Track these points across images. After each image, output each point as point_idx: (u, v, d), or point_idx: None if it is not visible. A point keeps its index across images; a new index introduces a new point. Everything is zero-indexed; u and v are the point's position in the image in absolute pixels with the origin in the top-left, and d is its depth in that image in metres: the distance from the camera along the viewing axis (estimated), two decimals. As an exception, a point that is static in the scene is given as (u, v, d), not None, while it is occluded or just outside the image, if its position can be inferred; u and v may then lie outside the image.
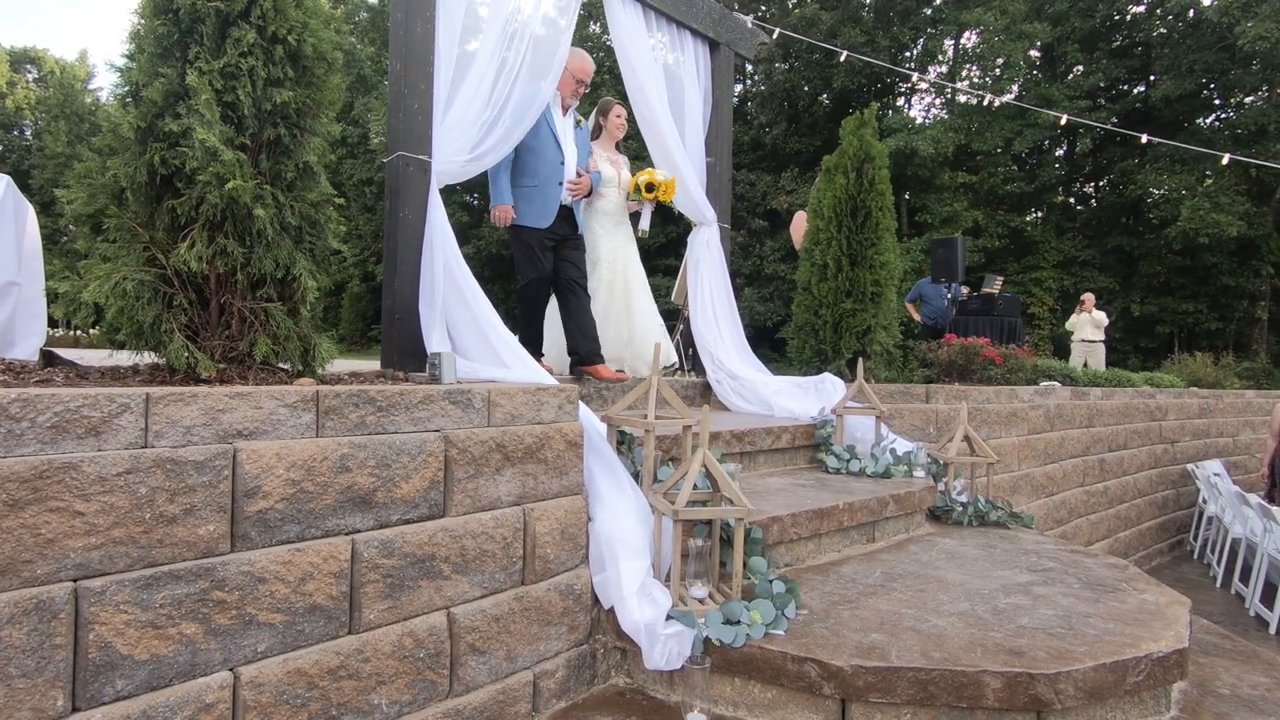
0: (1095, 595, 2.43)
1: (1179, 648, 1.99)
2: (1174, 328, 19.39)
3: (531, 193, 3.78)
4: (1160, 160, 19.34)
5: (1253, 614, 5.30)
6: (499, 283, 26.75)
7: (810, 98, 24.57)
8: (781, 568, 2.54)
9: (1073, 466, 5.38)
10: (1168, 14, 19.95)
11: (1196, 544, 7.27)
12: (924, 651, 1.87)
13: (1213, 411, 8.28)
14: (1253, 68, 18.30)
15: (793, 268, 20.19)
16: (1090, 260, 20.85)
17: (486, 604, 1.84)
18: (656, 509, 2.19)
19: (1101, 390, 6.13)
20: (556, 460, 2.06)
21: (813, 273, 4.87)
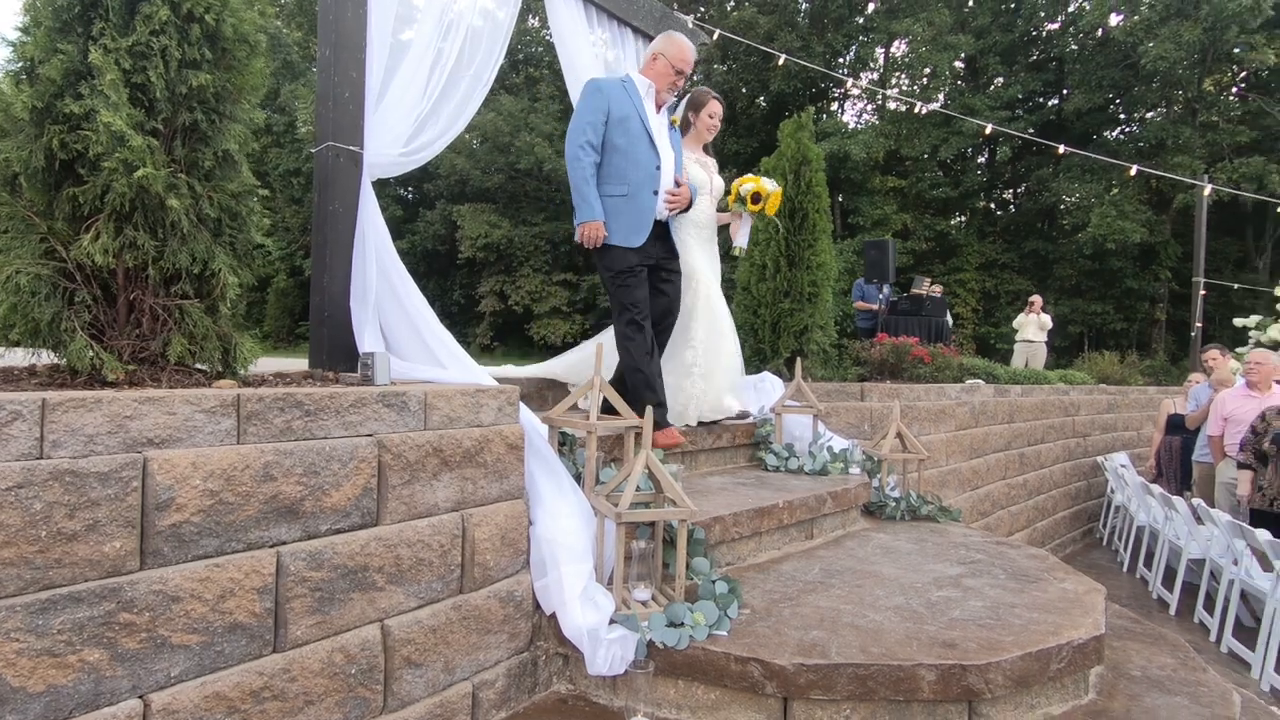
0: (1020, 586, 2.53)
1: (1097, 634, 2.10)
2: (1084, 327, 20.60)
3: (619, 204, 3.09)
4: (1072, 170, 20.48)
5: (1155, 596, 5.68)
6: (434, 279, 26.17)
7: (748, 99, 24.97)
8: (723, 567, 2.55)
9: (995, 461, 5.64)
10: (1079, 32, 21.13)
11: (1105, 531, 7.74)
12: (863, 647, 1.91)
13: (1119, 407, 8.84)
14: (1153, 85, 19.59)
15: (731, 268, 20.52)
16: (1009, 263, 21.93)
17: (423, 615, 1.77)
18: (599, 511, 2.16)
19: (1021, 388, 6.44)
20: (496, 464, 2.00)
21: (752, 273, 4.94)
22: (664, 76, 3.28)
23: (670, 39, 3.32)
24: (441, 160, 23.50)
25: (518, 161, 22.80)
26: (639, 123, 3.15)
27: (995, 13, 22.16)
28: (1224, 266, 19.24)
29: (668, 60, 3.28)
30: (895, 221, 20.87)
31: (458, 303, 26.09)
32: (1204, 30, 16.77)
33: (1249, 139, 18.35)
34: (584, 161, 3.06)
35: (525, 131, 22.36)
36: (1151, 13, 17.90)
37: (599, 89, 3.16)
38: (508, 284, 24.06)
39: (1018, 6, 22.27)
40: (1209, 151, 18.47)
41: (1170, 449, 6.80)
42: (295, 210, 25.57)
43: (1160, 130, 19.60)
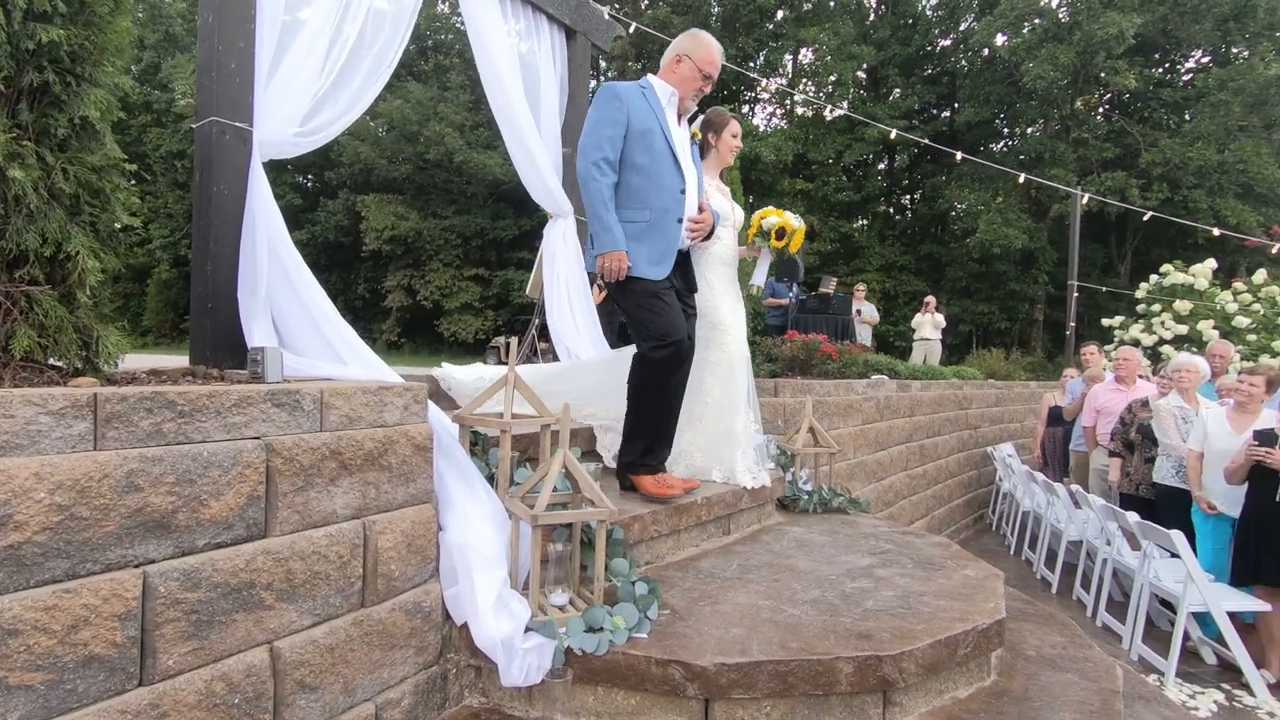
0: (926, 574, 2.62)
1: (998, 619, 2.19)
2: (973, 326, 22.02)
3: (642, 231, 2.69)
4: (963, 179, 21.82)
5: (1039, 577, 6.10)
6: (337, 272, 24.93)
7: (662, 99, 25.07)
8: (642, 566, 2.50)
9: (898, 453, 5.89)
10: (968, 49, 22.53)
11: (994, 517, 8.27)
12: (782, 643, 1.90)
13: (1006, 400, 9.47)
14: (1033, 103, 21.14)
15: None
16: (907, 265, 23.13)
17: (319, 633, 1.62)
18: (514, 514, 2.06)
19: (921, 383, 6.77)
20: (402, 466, 1.87)
21: (668, 269, 4.93)
22: (689, 82, 2.84)
23: (696, 38, 2.87)
24: (344, 148, 22.40)
25: (426, 151, 22.03)
26: (662, 138, 2.74)
27: (895, 27, 23.31)
28: (1092, 271, 21.01)
29: (694, 63, 2.82)
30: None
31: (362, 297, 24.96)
32: (1077, 54, 18.24)
33: (1113, 155, 20.12)
34: (600, 182, 2.63)
35: (435, 121, 21.62)
36: (1032, 35, 19.30)
37: (617, 96, 2.70)
38: (416, 278, 23.23)
39: (915, 22, 23.52)
40: (1080, 166, 20.12)
41: (1053, 439, 7.34)
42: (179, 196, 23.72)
43: (1039, 145, 21.20)
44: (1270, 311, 10.52)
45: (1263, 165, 17.73)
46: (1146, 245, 21.26)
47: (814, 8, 22.89)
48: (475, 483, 2.13)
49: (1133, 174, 19.28)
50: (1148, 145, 19.51)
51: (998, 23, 19.93)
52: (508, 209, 23.48)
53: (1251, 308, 10.52)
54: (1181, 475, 4.64)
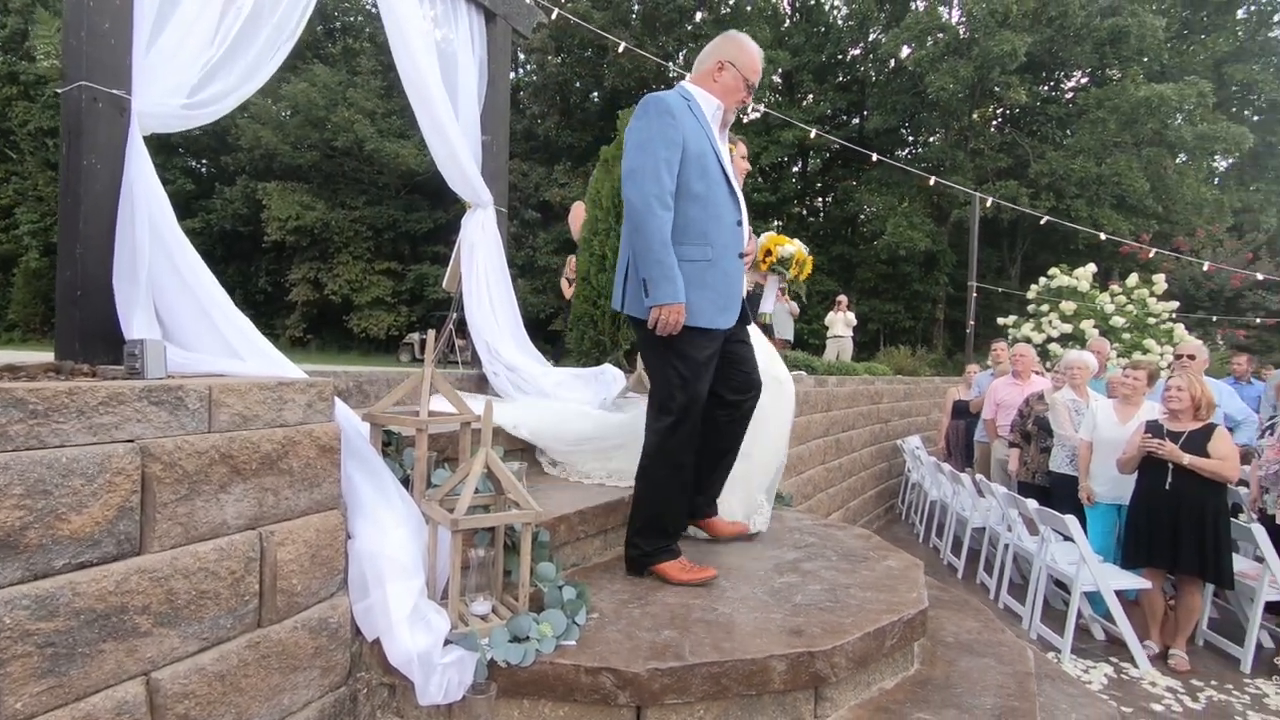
0: (851, 566, 2.65)
1: (921, 608, 2.22)
2: (880, 325, 23.02)
3: (703, 272, 2.31)
4: (871, 183, 22.75)
5: (946, 563, 6.39)
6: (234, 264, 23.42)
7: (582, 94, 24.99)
8: (569, 569, 2.40)
9: (816, 446, 6.02)
10: (877, 60, 23.50)
11: (903, 507, 8.63)
12: (715, 644, 1.85)
13: (913, 395, 9.91)
14: (935, 113, 22.29)
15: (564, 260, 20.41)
16: (820, 265, 23.85)
17: (207, 659, 1.44)
18: (431, 518, 1.92)
19: (836, 379, 6.96)
20: (305, 470, 1.70)
21: (591, 263, 4.83)
22: (733, 93, 2.48)
23: (740, 43, 2.51)
24: (243, 130, 21.05)
25: (334, 138, 20.99)
26: (715, 160, 2.37)
27: (808, 34, 24.03)
28: (988, 273, 22.37)
29: (738, 71, 2.47)
30: (721, 222, 21.91)
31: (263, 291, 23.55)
32: (975, 68, 19.34)
33: (1006, 165, 21.50)
34: (661, 218, 2.21)
35: (343, 106, 20.63)
36: (935, 49, 20.33)
37: (670, 111, 2.29)
38: (323, 272, 22.11)
39: (827, 31, 24.32)
40: (977, 174, 21.38)
41: (957, 431, 7.72)
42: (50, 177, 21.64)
43: (940, 153, 22.38)
44: (1141, 312, 11.49)
45: (1134, 179, 19.38)
46: (1034, 250, 22.84)
47: (732, 11, 23.29)
48: (388, 486, 1.98)
49: (1023, 183, 20.65)
50: (1036, 157, 20.95)
51: (904, 35, 20.88)
52: (422, 201, 22.71)
53: (1126, 309, 11.45)
54: (1075, 464, 4.94)
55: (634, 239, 2.27)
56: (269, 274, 23.51)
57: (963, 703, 2.01)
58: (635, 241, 2.26)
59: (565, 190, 20.97)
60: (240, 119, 21.05)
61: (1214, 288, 18.41)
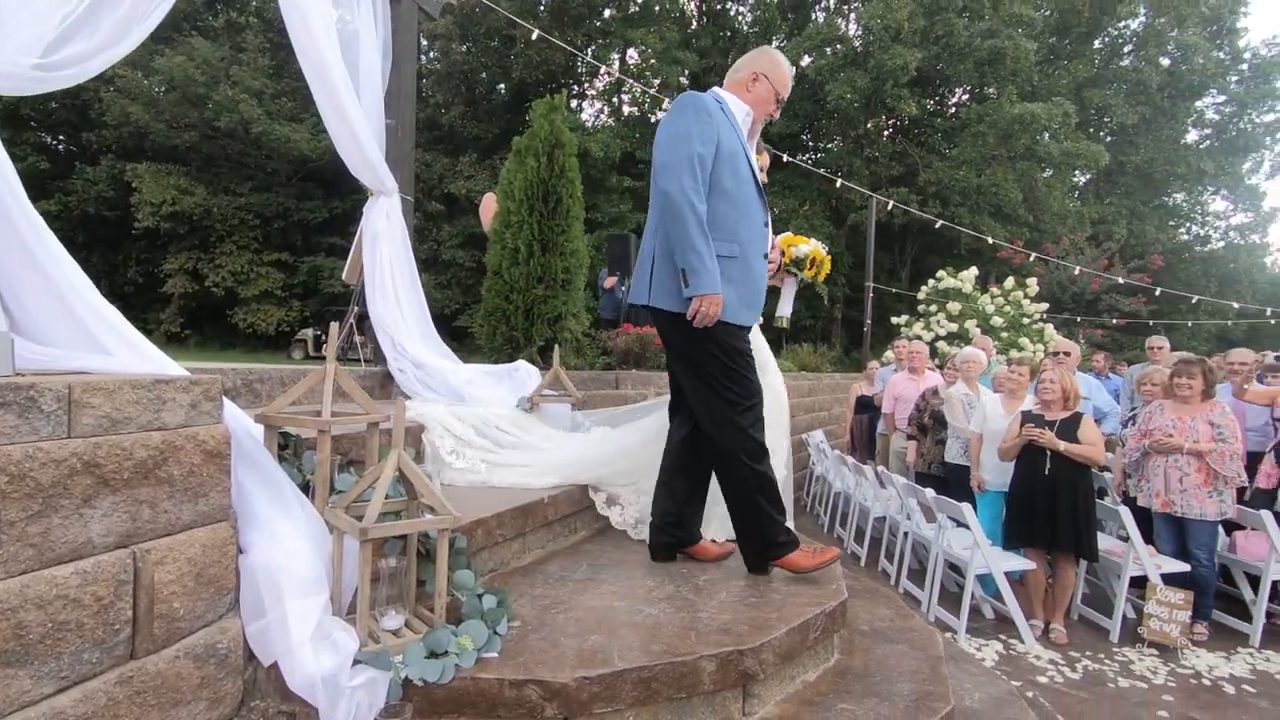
0: (771, 560, 2.67)
1: (841, 600, 2.26)
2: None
3: (730, 268, 2.35)
4: (775, 187, 23.45)
5: (849, 552, 6.65)
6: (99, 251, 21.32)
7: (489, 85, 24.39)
8: (487, 575, 2.29)
9: (728, 442, 6.11)
10: (780, 66, 24.20)
11: (809, 499, 8.93)
12: (644, 646, 1.80)
13: (816, 391, 10.28)
14: (834, 120, 23.27)
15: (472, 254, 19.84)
16: (726, 265, 24.48)
17: (67, 702, 1.24)
18: (336, 528, 1.76)
19: (746, 375, 7.09)
20: (189, 479, 1.51)
21: (504, 256, 4.67)
22: (764, 104, 2.61)
23: (775, 59, 2.63)
24: (109, 105, 19.17)
25: (216, 118, 19.47)
26: (746, 162, 2.45)
27: (715, 37, 24.49)
28: (881, 275, 23.59)
29: (771, 85, 2.59)
30: (630, 220, 22.00)
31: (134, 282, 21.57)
32: (870, 80, 20.33)
33: (898, 173, 22.74)
34: (699, 210, 2.25)
35: (226, 84, 19.16)
36: (834, 59, 21.22)
37: (707, 110, 2.38)
38: (204, 262, 20.48)
39: (733, 36, 24.87)
40: (871, 180, 22.49)
41: (861, 425, 8.05)
42: None
43: (838, 159, 23.40)
44: (1017, 313, 12.44)
45: (1009, 190, 20.98)
46: (922, 254, 24.29)
47: (641, 10, 23.38)
48: (286, 494, 1.80)
49: (913, 190, 21.91)
50: (924, 166, 22.28)
51: (805, 44, 21.67)
52: (317, 189, 21.46)
53: (1004, 309, 12.36)
54: (968, 454, 5.25)
55: (671, 230, 2.29)
56: (140, 264, 21.53)
57: (881, 690, 2.05)
58: (673, 232, 2.28)
59: (471, 183, 20.40)
60: (105, 92, 19.14)
61: (1077, 291, 20.21)
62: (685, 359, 2.43)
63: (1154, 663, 3.98)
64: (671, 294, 2.34)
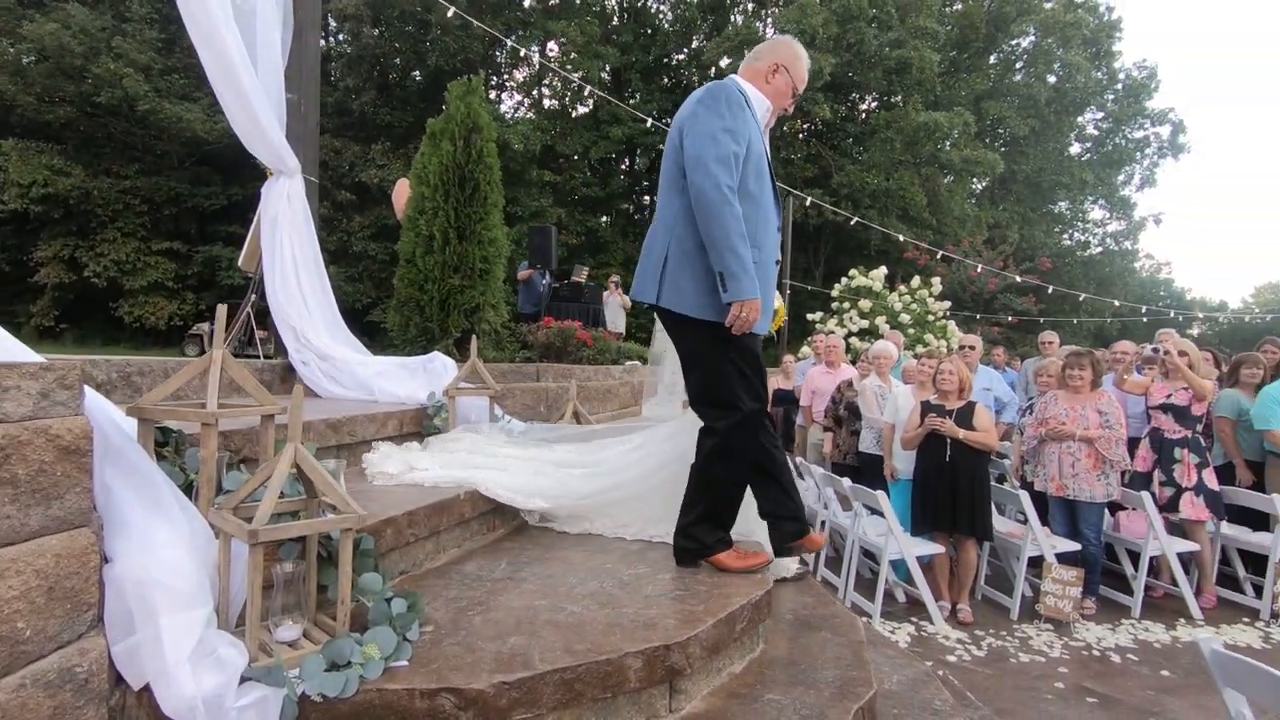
0: (695, 551, 2.63)
1: (767, 589, 2.25)
2: (703, 320, 24.12)
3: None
4: (695, 184, 23.69)
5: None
6: (-45, 236, 19.14)
7: (403, 71, 23.50)
8: (398, 577, 2.14)
9: (651, 436, 6.08)
10: (701, 66, 24.55)
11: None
12: (567, 646, 1.71)
13: (736, 385, 10.43)
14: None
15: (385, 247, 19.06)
16: (647, 261, 24.56)
17: (-127, 746, 1.04)
18: (223, 531, 1.58)
19: (668, 369, 7.10)
20: (38, 479, 1.31)
21: (417, 244, 4.46)
22: (782, 97, 2.49)
23: (796, 50, 2.50)
24: (-35, 74, 17.24)
25: (95, 94, 17.86)
26: (765, 161, 2.34)
27: (636, 33, 24.50)
28: (796, 273, 24.30)
29: (790, 78, 2.47)
30: (551, 215, 21.73)
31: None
32: (786, 82, 20.82)
33: (813, 175, 23.45)
34: (736, 209, 2.14)
35: (108, 57, 17.59)
36: (752, 60, 21.59)
37: (743, 104, 2.26)
38: (83, 250, 18.76)
39: (654, 33, 24.97)
40: (787, 181, 23.09)
41: (778, 418, 8.20)
42: None
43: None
44: (923, 310, 13.06)
45: (915, 194, 22.03)
46: (835, 253, 25.17)
47: (562, 1, 23.11)
48: (164, 495, 1.60)
49: (826, 192, 22.65)
50: (837, 169, 23.08)
51: (724, 45, 21.99)
52: (213, 174, 20.06)
53: (911, 307, 12.95)
54: (881, 444, 5.42)
55: (708, 229, 2.15)
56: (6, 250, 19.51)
57: (807, 679, 2.04)
58: (710, 231, 2.14)
59: (384, 172, 19.58)
60: (-38, 59, 17.22)
61: (976, 290, 21.44)
62: (695, 357, 2.34)
63: (1050, 637, 4.22)
64: (686, 295, 2.24)
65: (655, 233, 2.37)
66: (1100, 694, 3.49)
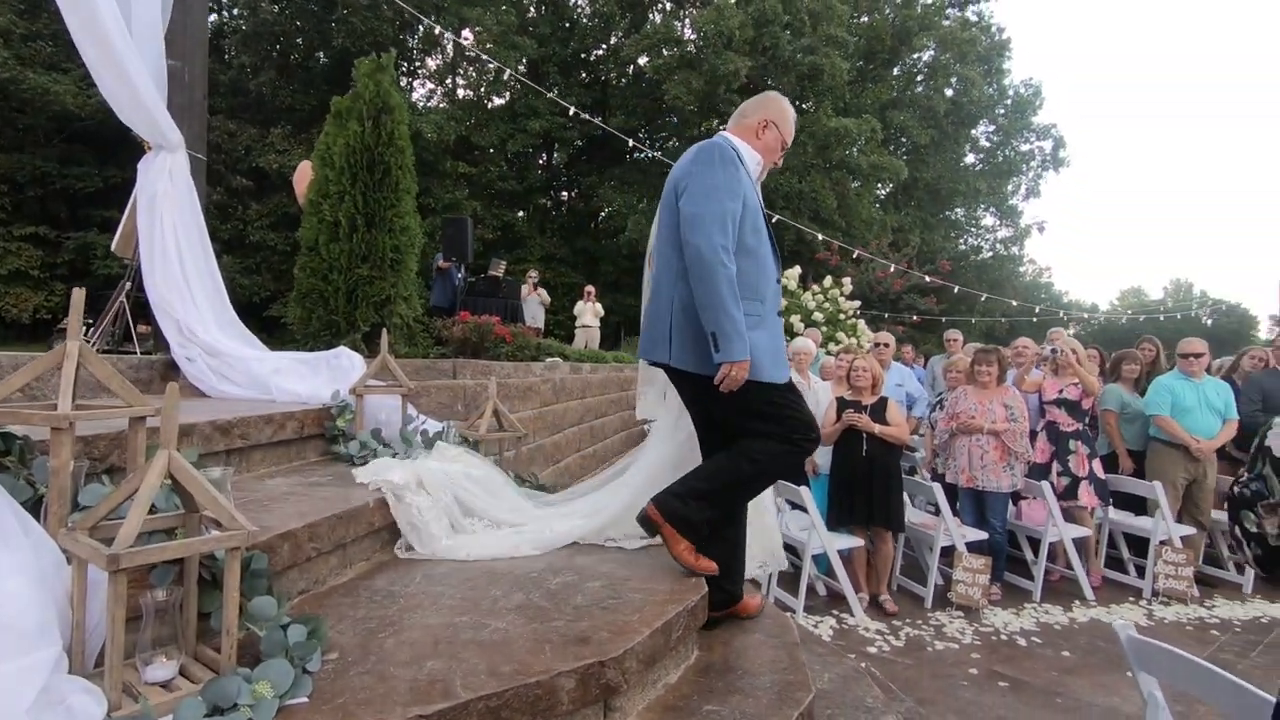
0: (625, 556, 2.51)
1: (702, 593, 2.15)
2: (621, 317, 24.10)
3: (759, 328, 2.27)
4: (613, 181, 23.66)
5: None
6: None
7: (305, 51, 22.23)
8: (297, 598, 1.91)
9: (573, 434, 5.93)
10: (620, 63, 24.48)
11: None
12: (492, 669, 1.55)
13: (657, 382, 10.42)
14: (672, 120, 23.90)
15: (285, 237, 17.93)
16: (565, 258, 24.28)
17: None
18: (75, 555, 1.33)
19: (590, 366, 6.96)
20: None
21: (321, 230, 4.13)
22: (772, 153, 2.54)
23: (782, 106, 2.56)
24: None
25: (-57, 58, 15.91)
26: (761, 215, 2.35)
27: (554, 26, 24.16)
28: (714, 272, 24.66)
29: (779, 133, 2.53)
30: (466, 207, 21.13)
31: None
32: (705, 82, 21.07)
33: (729, 175, 23.81)
34: (729, 269, 2.16)
35: (-42, 17, 15.70)
36: (670, 59, 21.75)
37: (737, 162, 2.30)
38: (-73, 234, 16.69)
39: (572, 27, 24.69)
40: (705, 181, 23.38)
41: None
42: None
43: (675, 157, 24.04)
44: (834, 309, 13.48)
45: (826, 197, 22.76)
46: (751, 253, 25.65)
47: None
48: (2, 513, 1.33)
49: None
50: (753, 170, 23.53)
51: (643, 42, 22.00)
52: (87, 153, 18.29)
53: (824, 306, 13.34)
54: (800, 439, 5.48)
55: (700, 289, 2.17)
56: None
57: (745, 686, 1.97)
58: (701, 292, 2.16)
59: (285, 157, 18.42)
60: None
61: (883, 291, 22.41)
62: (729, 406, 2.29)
63: (961, 624, 4.37)
64: (697, 355, 2.25)
65: (659, 292, 2.38)
66: (1011, 678, 3.62)
